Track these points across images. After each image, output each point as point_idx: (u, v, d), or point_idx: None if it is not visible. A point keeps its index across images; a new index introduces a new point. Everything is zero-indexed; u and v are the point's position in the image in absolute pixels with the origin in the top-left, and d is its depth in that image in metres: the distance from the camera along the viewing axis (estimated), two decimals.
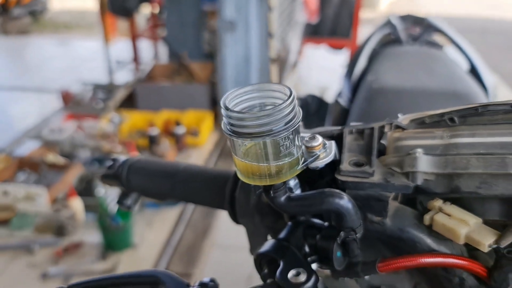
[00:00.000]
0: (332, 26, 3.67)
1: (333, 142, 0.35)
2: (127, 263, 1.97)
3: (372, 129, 0.38)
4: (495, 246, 0.32)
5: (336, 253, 0.34)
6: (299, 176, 0.35)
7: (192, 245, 2.14)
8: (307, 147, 0.34)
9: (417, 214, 0.35)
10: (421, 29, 1.45)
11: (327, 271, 0.36)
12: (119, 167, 0.55)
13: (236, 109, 0.32)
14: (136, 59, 4.06)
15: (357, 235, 0.33)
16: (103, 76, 3.96)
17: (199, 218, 2.31)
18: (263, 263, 0.39)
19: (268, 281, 0.38)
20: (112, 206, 1.99)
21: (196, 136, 2.89)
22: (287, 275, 0.35)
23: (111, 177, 0.56)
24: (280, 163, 0.32)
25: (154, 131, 2.76)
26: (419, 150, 0.35)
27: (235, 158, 0.32)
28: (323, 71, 4.58)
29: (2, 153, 2.69)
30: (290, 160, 0.32)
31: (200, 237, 2.18)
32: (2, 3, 6.09)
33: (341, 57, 4.25)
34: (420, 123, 0.37)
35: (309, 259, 0.36)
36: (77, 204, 2.21)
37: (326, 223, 0.37)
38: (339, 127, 0.39)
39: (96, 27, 6.84)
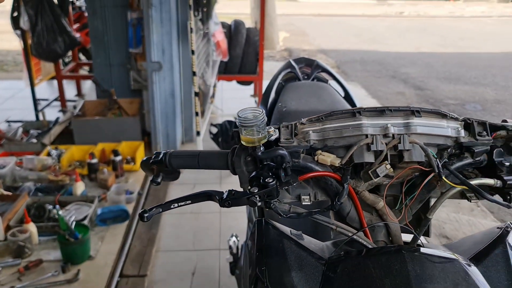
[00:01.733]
0: (241, 64, 4.28)
1: (277, 130, 0.83)
2: (87, 272, 2.28)
3: (292, 124, 0.87)
4: (339, 163, 0.82)
5: (281, 173, 0.80)
6: (268, 145, 0.82)
7: (140, 252, 2.50)
8: (268, 131, 0.82)
9: (311, 157, 0.85)
10: (312, 68, 2.03)
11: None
12: (162, 156, 0.94)
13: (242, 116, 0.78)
14: (61, 97, 4.29)
15: (289, 165, 0.80)
16: (28, 115, 4.13)
17: (145, 230, 2.67)
18: (251, 183, 0.82)
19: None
20: (70, 223, 2.30)
21: (132, 163, 3.25)
22: (263, 180, 0.79)
23: (156, 163, 0.93)
24: (259, 136, 0.78)
25: (94, 160, 3.08)
26: (311, 130, 0.85)
27: (242, 136, 0.79)
28: (235, 100, 5.18)
29: None
30: (263, 135, 0.79)
31: (147, 245, 2.55)
32: None
33: (250, 88, 4.88)
34: (311, 121, 0.86)
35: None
36: (32, 227, 2.46)
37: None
38: (280, 124, 0.88)
39: (3, 66, 6.81)
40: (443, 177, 0.75)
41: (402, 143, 0.76)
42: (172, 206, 0.78)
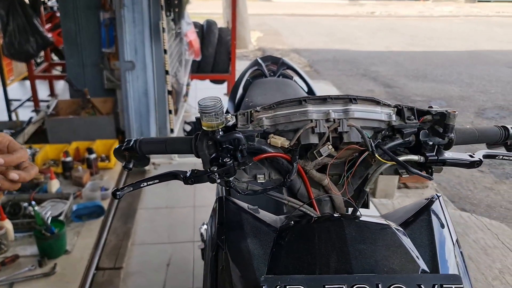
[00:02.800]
0: (213, 63, 4.37)
1: (234, 117, 0.94)
2: (64, 266, 2.34)
3: (248, 111, 0.98)
4: (288, 145, 0.94)
5: (238, 155, 0.91)
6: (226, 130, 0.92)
7: (116, 246, 2.57)
8: (226, 118, 0.92)
9: (265, 140, 0.95)
10: (278, 66, 2.14)
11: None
12: (133, 143, 1.02)
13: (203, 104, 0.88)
14: (34, 97, 4.30)
15: (244, 147, 0.91)
16: (2, 114, 4.12)
17: (120, 224, 2.74)
18: (211, 163, 0.92)
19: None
20: (46, 218, 2.36)
21: (107, 161, 3.31)
22: (222, 160, 0.89)
23: (128, 149, 1.02)
24: (218, 121, 0.89)
25: (68, 159, 3.13)
26: (264, 117, 0.95)
27: (203, 122, 0.89)
28: None
29: None
30: (221, 121, 0.89)
31: (123, 238, 2.63)
32: None
33: (222, 87, 4.98)
34: (264, 109, 0.97)
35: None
36: (7, 224, 2.50)
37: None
38: (237, 112, 0.98)
39: None
40: (376, 155, 0.87)
41: (341, 126, 0.88)
42: (141, 185, 0.88)
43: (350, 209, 1.02)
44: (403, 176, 0.93)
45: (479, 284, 2.39)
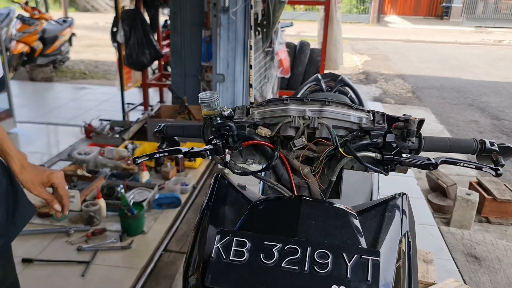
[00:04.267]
0: (302, 80, 4.60)
1: (231, 109, 1.16)
2: (139, 243, 2.72)
3: (245, 106, 1.18)
4: (270, 134, 1.11)
5: (230, 139, 1.11)
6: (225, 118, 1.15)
7: (185, 233, 2.90)
8: (222, 108, 1.14)
9: (254, 130, 1.14)
10: (336, 82, 2.30)
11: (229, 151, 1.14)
12: (162, 127, 1.30)
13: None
14: (145, 102, 4.95)
15: (235, 133, 1.10)
16: (117, 115, 4.81)
17: (193, 216, 3.08)
18: (207, 144, 1.14)
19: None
20: (129, 200, 2.77)
21: (193, 161, 3.70)
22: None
23: (158, 131, 1.30)
24: (214, 110, 1.10)
25: None
26: (255, 111, 1.15)
27: (203, 111, 1.12)
28: None
29: None
30: (217, 110, 1.11)
31: (192, 229, 2.94)
32: (28, 52, 7.06)
33: None
34: (258, 105, 1.17)
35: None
36: (102, 203, 2.98)
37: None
38: (237, 106, 1.19)
39: (107, 75, 7.81)
40: (340, 149, 1.02)
41: (313, 123, 1.04)
42: (155, 156, 1.14)
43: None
44: (369, 171, 1.05)
45: None
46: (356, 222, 0.96)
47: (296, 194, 1.11)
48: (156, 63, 5.43)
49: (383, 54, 11.52)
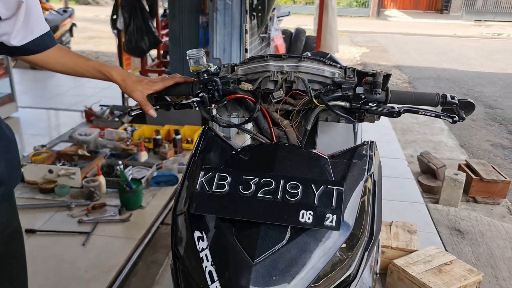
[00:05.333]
0: None
1: (217, 67, 1.26)
2: (137, 216, 2.84)
3: (230, 64, 1.29)
4: (251, 88, 1.22)
5: (216, 94, 1.22)
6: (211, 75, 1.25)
7: None
8: (208, 65, 1.25)
9: (238, 85, 1.25)
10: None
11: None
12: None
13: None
14: None
15: (220, 87, 1.21)
16: (117, 101, 4.92)
17: None
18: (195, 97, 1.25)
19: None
20: (128, 176, 2.89)
21: (190, 143, 3.82)
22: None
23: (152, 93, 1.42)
24: (200, 66, 1.21)
25: (158, 136, 3.70)
26: (239, 68, 1.26)
27: (190, 67, 1.23)
28: None
29: (44, 148, 3.61)
30: (203, 66, 1.22)
31: None
32: None
33: None
34: (241, 63, 1.28)
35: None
36: (101, 179, 3.09)
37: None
38: (223, 64, 1.30)
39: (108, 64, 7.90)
40: (313, 100, 1.13)
41: (290, 76, 1.16)
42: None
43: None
44: (340, 122, 1.17)
45: None
46: (327, 164, 1.08)
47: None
48: (155, 51, 5.53)
49: (382, 47, 11.61)
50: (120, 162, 3.02)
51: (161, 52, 5.57)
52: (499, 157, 4.69)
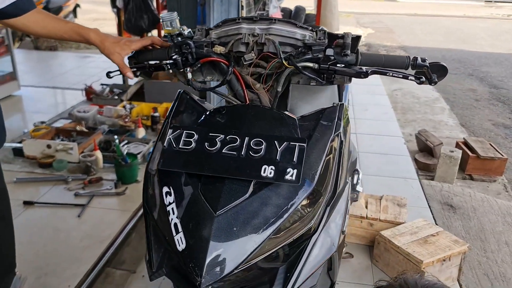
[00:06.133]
0: None
1: (190, 29, 1.28)
2: (132, 190, 2.89)
3: (204, 28, 1.30)
4: (223, 51, 1.24)
5: (190, 57, 1.25)
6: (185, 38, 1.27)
7: None
8: (182, 28, 1.26)
9: (211, 49, 1.26)
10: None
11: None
12: (134, 53, 1.43)
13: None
14: None
15: (194, 50, 1.23)
16: (118, 80, 4.95)
17: None
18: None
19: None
20: (124, 151, 2.93)
21: None
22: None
23: (130, 57, 1.43)
24: (174, 29, 1.23)
25: (156, 114, 3.73)
26: (213, 32, 1.27)
27: (164, 29, 1.25)
28: None
29: (44, 124, 3.66)
30: (177, 29, 1.23)
31: None
32: None
33: None
34: (215, 27, 1.29)
35: None
36: (98, 154, 3.14)
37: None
38: (197, 28, 1.32)
39: None
40: (283, 61, 1.15)
41: (261, 38, 1.17)
42: (125, 72, 1.28)
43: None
44: (311, 84, 1.18)
45: None
46: (294, 123, 1.09)
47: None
48: (155, 32, 5.53)
49: (388, 28, 11.46)
50: (116, 137, 3.06)
51: (162, 32, 5.56)
52: (500, 136, 4.66)
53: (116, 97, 4.28)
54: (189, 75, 1.26)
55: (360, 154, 3.60)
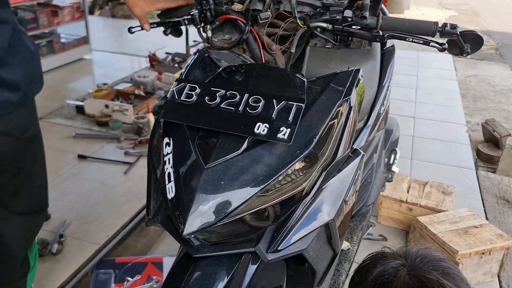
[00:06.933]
0: None
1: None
2: None
3: None
4: (241, 9, 1.21)
5: (208, 14, 1.25)
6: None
7: None
8: None
9: (230, 6, 1.25)
10: None
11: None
12: (161, 12, 1.46)
13: None
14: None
15: (212, 7, 1.22)
16: (182, 50, 5.08)
17: None
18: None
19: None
20: None
21: None
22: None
23: (159, 15, 1.47)
24: None
25: None
26: None
27: None
28: None
29: (106, 86, 3.87)
30: None
31: None
32: None
33: None
34: None
35: None
36: (151, 117, 3.27)
37: None
38: None
39: None
40: (298, 21, 1.10)
41: None
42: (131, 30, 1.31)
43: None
44: (326, 47, 1.13)
45: None
46: (302, 85, 1.06)
47: None
48: None
49: (473, 10, 10.63)
50: None
51: None
52: None
53: (177, 65, 4.40)
54: (209, 33, 1.26)
55: (415, 138, 3.44)
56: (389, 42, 1.87)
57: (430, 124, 3.71)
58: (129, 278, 1.98)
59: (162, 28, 1.39)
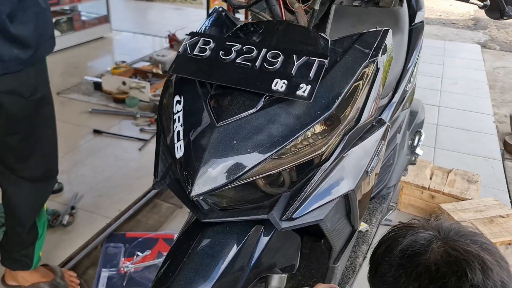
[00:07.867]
0: None
1: None
2: None
3: None
4: None
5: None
6: None
7: None
8: None
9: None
10: None
11: None
12: None
13: None
14: None
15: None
16: None
17: None
18: None
19: None
20: None
21: None
22: None
23: None
24: None
25: None
26: None
27: None
28: None
29: (124, 64, 3.83)
30: None
31: None
32: None
33: None
34: None
35: None
36: None
37: None
38: None
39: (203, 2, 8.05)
40: None
41: None
42: None
43: None
44: (353, 4, 1.04)
45: None
46: (325, 44, 0.97)
47: None
48: None
49: None
50: None
51: None
52: None
53: None
54: None
55: (439, 127, 3.31)
56: (418, 18, 1.77)
57: (455, 113, 3.57)
58: (139, 253, 1.94)
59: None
